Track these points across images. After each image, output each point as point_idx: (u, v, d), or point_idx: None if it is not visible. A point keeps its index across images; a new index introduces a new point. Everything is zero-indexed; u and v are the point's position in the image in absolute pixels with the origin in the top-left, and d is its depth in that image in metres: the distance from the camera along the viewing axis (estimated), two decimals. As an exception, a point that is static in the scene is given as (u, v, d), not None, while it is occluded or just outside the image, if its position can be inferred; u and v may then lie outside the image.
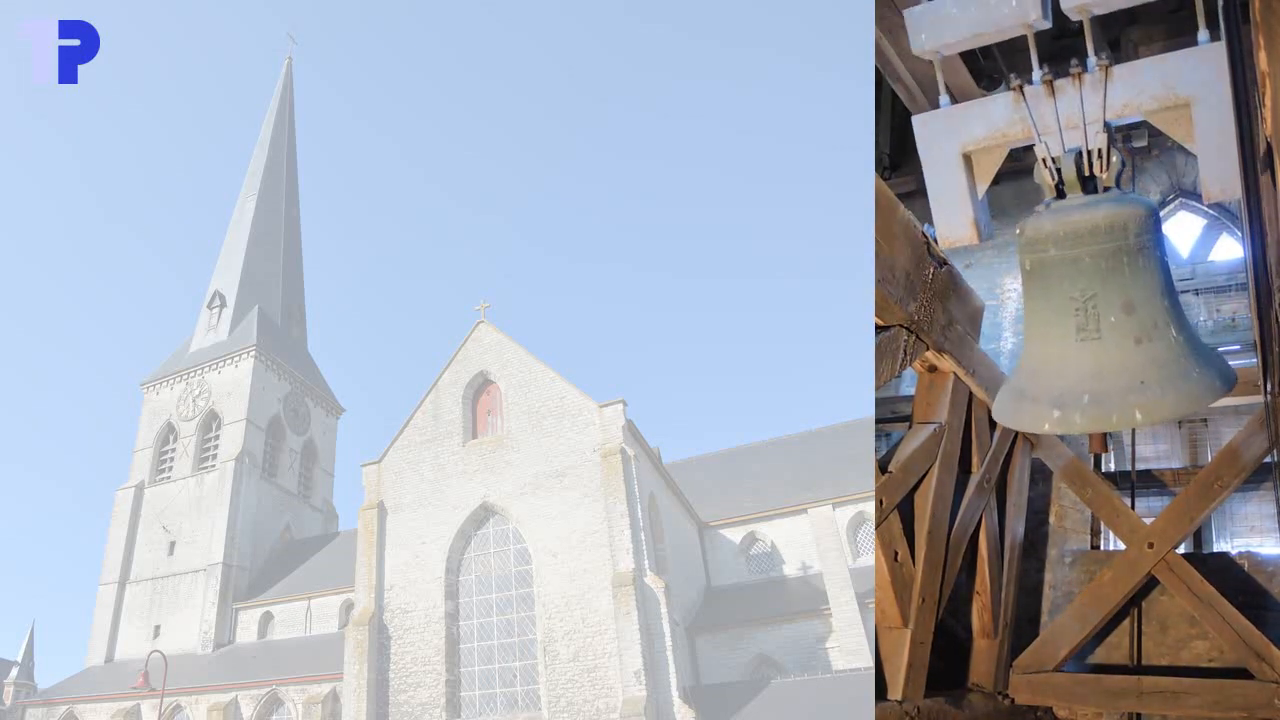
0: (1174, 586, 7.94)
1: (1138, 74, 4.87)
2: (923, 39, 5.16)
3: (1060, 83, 4.91)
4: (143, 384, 43.27)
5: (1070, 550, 9.35)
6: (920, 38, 5.18)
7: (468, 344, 30.35)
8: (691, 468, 36.33)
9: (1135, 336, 4.61)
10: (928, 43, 5.15)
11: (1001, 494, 8.38)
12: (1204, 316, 11.46)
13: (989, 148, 5.34)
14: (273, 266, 47.48)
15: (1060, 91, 4.91)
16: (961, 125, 5.37)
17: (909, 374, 9.26)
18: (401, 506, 28.44)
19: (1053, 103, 4.96)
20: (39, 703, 34.67)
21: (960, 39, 5.05)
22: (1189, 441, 11.06)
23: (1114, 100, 4.89)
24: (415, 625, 26.48)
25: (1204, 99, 4.76)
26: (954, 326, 6.68)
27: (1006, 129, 5.18)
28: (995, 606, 8.07)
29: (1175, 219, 12.42)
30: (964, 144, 5.38)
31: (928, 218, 5.81)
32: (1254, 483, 10.01)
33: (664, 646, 23.23)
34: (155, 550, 37.84)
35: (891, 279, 5.70)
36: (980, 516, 7.82)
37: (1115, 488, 8.88)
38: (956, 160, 5.42)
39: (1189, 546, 9.80)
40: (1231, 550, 9.50)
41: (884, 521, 6.50)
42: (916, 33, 5.21)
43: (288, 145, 53.19)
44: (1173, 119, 4.89)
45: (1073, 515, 9.45)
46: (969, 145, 5.37)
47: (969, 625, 8.17)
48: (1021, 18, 4.83)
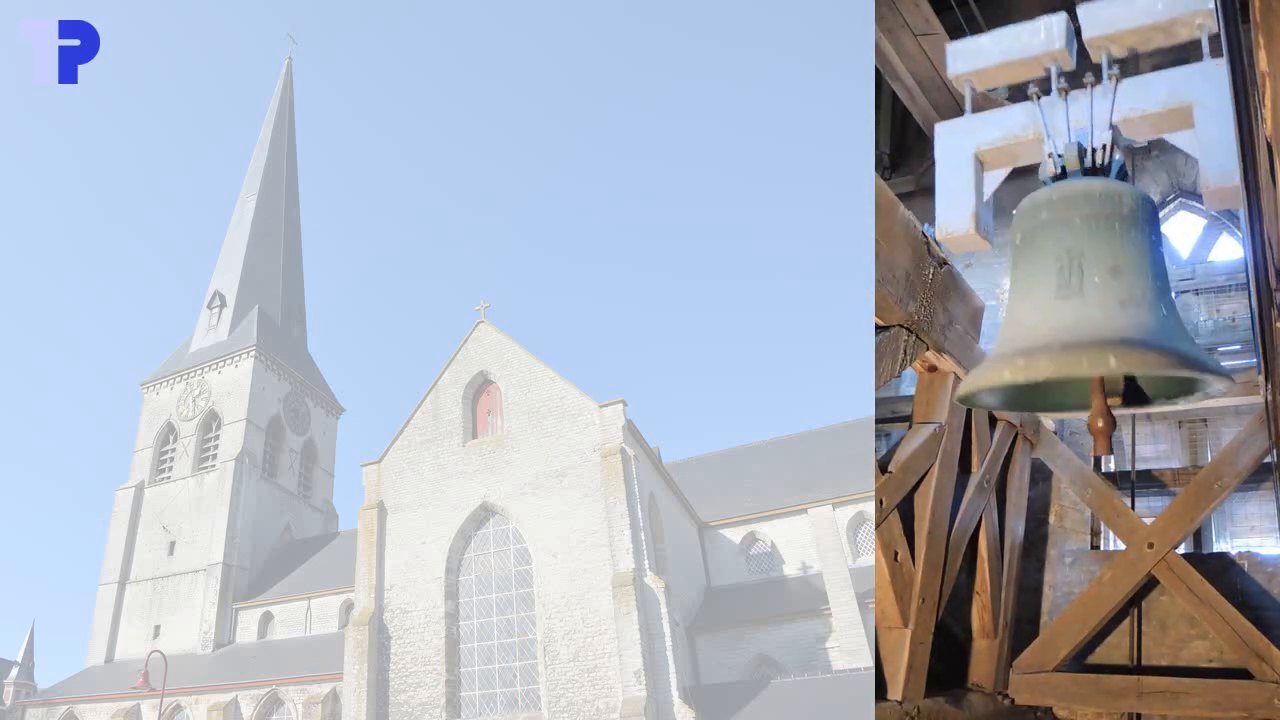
0: (1174, 586, 7.95)
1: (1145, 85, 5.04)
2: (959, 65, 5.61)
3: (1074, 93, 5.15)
4: (143, 384, 43.26)
5: (1070, 550, 9.35)
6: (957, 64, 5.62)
7: (468, 344, 30.35)
8: (691, 468, 36.33)
9: (1120, 299, 4.32)
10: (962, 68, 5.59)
11: (1001, 494, 8.38)
12: (1204, 316, 11.46)
13: (1000, 148, 5.44)
14: (273, 266, 47.47)
15: (1073, 99, 5.13)
16: (978, 130, 5.52)
17: (909, 374, 9.27)
18: (401, 506, 28.44)
19: (1064, 107, 5.12)
20: (39, 703, 34.67)
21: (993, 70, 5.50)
22: (1189, 441, 11.06)
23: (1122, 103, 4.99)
24: (415, 625, 26.48)
25: (1204, 101, 4.78)
26: (954, 326, 6.69)
27: (1020, 132, 5.35)
28: (995, 606, 8.07)
29: (1175, 219, 12.42)
30: (978, 146, 5.50)
31: (928, 218, 5.82)
32: (1254, 483, 10.01)
33: (664, 646, 23.24)
34: (155, 550, 37.83)
35: (891, 279, 5.70)
36: (980, 516, 7.82)
37: (1115, 488, 8.88)
38: (969, 162, 5.51)
39: (1189, 546, 9.80)
40: (1231, 550, 9.50)
41: (884, 521, 6.50)
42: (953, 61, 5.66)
43: (288, 145, 53.16)
44: (1174, 122, 4.93)
45: (1073, 515, 9.45)
46: (982, 147, 5.49)
47: (969, 625, 8.17)
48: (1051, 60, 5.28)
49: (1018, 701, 8.17)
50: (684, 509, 31.21)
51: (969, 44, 5.64)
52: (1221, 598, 7.74)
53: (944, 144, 5.63)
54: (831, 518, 29.89)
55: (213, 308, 44.85)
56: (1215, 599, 7.73)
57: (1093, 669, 8.41)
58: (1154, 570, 7.96)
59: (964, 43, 5.69)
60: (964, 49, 5.65)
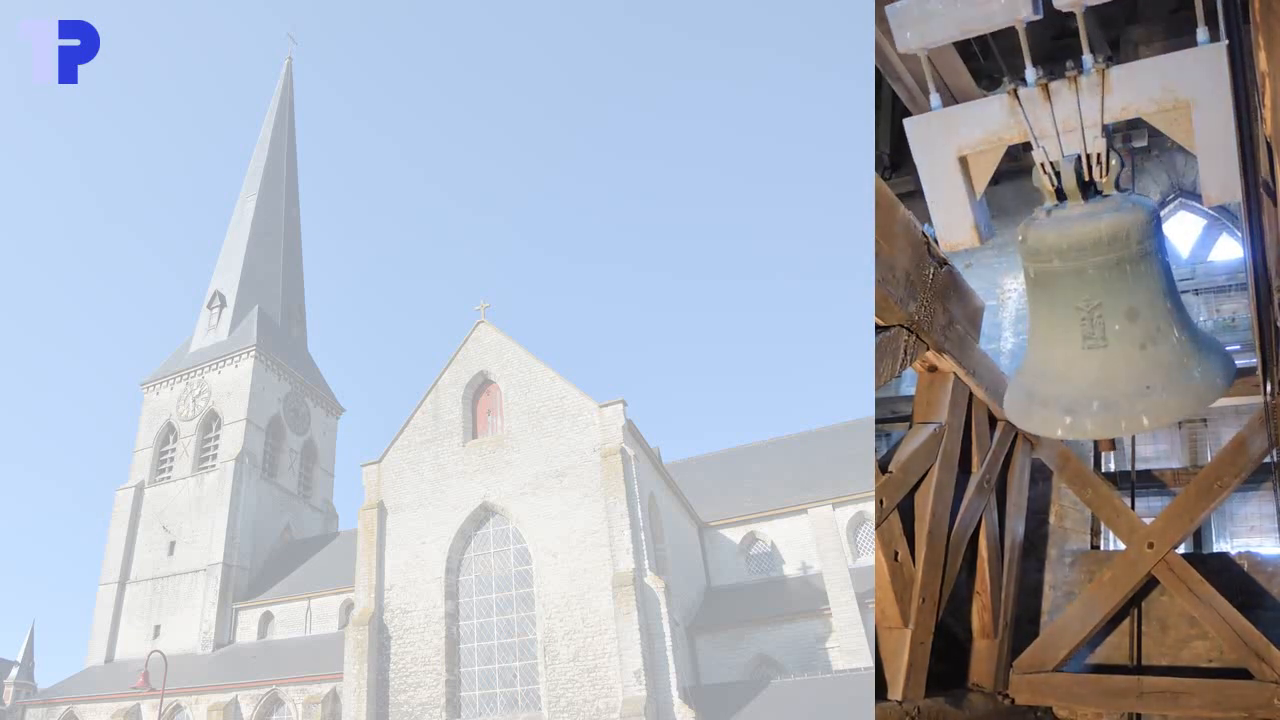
0: (1174, 586, 7.94)
1: (1136, 75, 4.64)
2: (908, 36, 4.88)
3: (1056, 85, 4.71)
4: (143, 384, 43.25)
5: (1070, 550, 9.35)
6: (905, 35, 4.89)
7: (468, 344, 30.33)
8: (691, 468, 36.31)
9: (1140, 342, 4.73)
10: (913, 41, 4.87)
11: (1001, 494, 8.38)
12: (1204, 316, 11.46)
13: (985, 150, 5.17)
14: (273, 266, 47.45)
15: (1056, 94, 4.71)
16: (956, 128, 5.14)
17: (909, 374, 9.26)
18: (401, 506, 28.43)
19: (1049, 107, 4.73)
20: (39, 703, 34.66)
21: (946, 35, 4.77)
22: (1189, 441, 11.06)
23: (1112, 103, 4.68)
24: (415, 625, 26.47)
25: (1204, 100, 4.70)
26: (954, 326, 6.68)
27: (1002, 131, 4.96)
28: (995, 606, 8.07)
29: (1175, 219, 12.41)
30: (960, 147, 5.19)
31: (928, 218, 5.80)
32: (1254, 483, 10.01)
33: (664, 646, 23.22)
34: (155, 550, 37.82)
35: (891, 279, 5.70)
36: (980, 516, 7.82)
37: (1115, 488, 8.88)
38: (953, 164, 5.28)
39: (1189, 546, 9.80)
40: (1231, 550, 9.50)
41: (884, 521, 6.50)
42: (901, 30, 4.91)
43: (288, 145, 53.15)
44: (1173, 120, 4.80)
45: (1073, 515, 9.44)
46: (965, 148, 5.17)
47: (969, 625, 8.16)
48: (1011, 11, 4.53)
49: (1018, 701, 8.17)
50: (684, 509, 31.20)
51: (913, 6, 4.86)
52: (1221, 598, 7.73)
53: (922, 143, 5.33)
54: (831, 518, 29.87)
55: (213, 308, 44.83)
56: (1215, 599, 7.73)
57: (1093, 669, 8.41)
58: (1154, 570, 7.96)
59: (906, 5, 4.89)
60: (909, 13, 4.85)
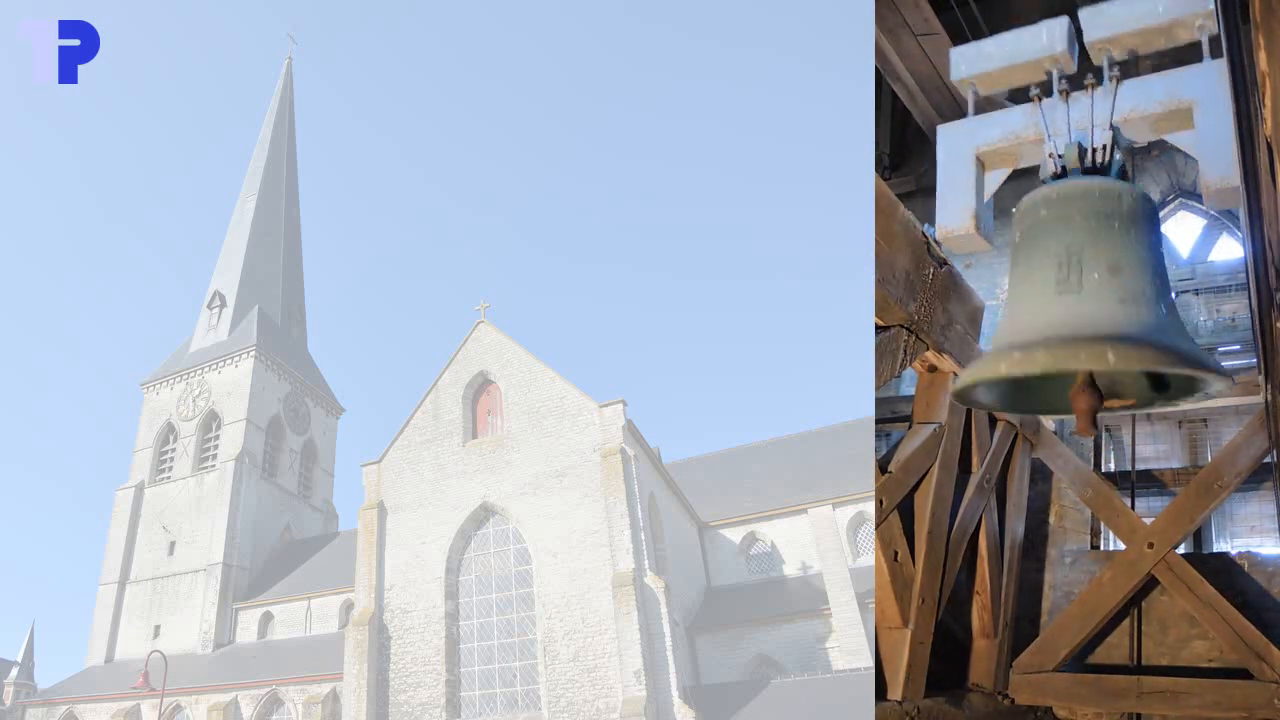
0: (1174, 586, 7.95)
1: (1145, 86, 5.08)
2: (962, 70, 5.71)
3: (1076, 94, 5.19)
4: (143, 384, 43.27)
5: (1070, 550, 9.35)
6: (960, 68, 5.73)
7: (468, 344, 30.35)
8: (691, 468, 36.33)
9: (1120, 297, 4.28)
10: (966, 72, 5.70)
11: (1001, 494, 8.38)
12: (1204, 316, 11.47)
13: (1001, 149, 5.47)
14: (273, 266, 47.47)
15: (1074, 101, 5.16)
16: (979, 131, 5.58)
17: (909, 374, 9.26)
18: (401, 506, 28.44)
19: (1065, 108, 5.15)
20: (39, 703, 34.68)
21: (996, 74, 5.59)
22: (1189, 441, 11.07)
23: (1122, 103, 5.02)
24: (415, 625, 26.48)
25: (1205, 101, 4.79)
26: (954, 326, 6.68)
27: (1021, 133, 5.39)
28: (995, 606, 8.07)
29: (1175, 219, 12.43)
30: (979, 147, 5.54)
31: (928, 218, 5.83)
32: (1254, 483, 10.02)
33: (664, 646, 23.24)
34: (155, 550, 37.83)
35: (891, 279, 5.71)
36: (980, 516, 7.82)
37: (1115, 488, 8.88)
38: (970, 162, 5.54)
39: (1189, 546, 9.81)
40: (1231, 550, 9.50)
41: (884, 521, 6.50)
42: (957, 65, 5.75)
43: (288, 145, 53.17)
44: (1174, 122, 4.94)
45: (1073, 515, 9.44)
46: (983, 147, 5.53)
47: (969, 625, 8.17)
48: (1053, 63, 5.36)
49: (1018, 701, 8.17)
50: (684, 509, 31.21)
51: (972, 49, 5.73)
52: (1221, 598, 7.73)
53: (946, 145, 5.67)
54: (831, 518, 29.89)
55: (213, 308, 44.85)
56: (1215, 599, 7.73)
57: (1093, 669, 8.41)
58: (1154, 570, 7.96)
59: (968, 48, 5.79)
60: (967, 54, 5.75)
